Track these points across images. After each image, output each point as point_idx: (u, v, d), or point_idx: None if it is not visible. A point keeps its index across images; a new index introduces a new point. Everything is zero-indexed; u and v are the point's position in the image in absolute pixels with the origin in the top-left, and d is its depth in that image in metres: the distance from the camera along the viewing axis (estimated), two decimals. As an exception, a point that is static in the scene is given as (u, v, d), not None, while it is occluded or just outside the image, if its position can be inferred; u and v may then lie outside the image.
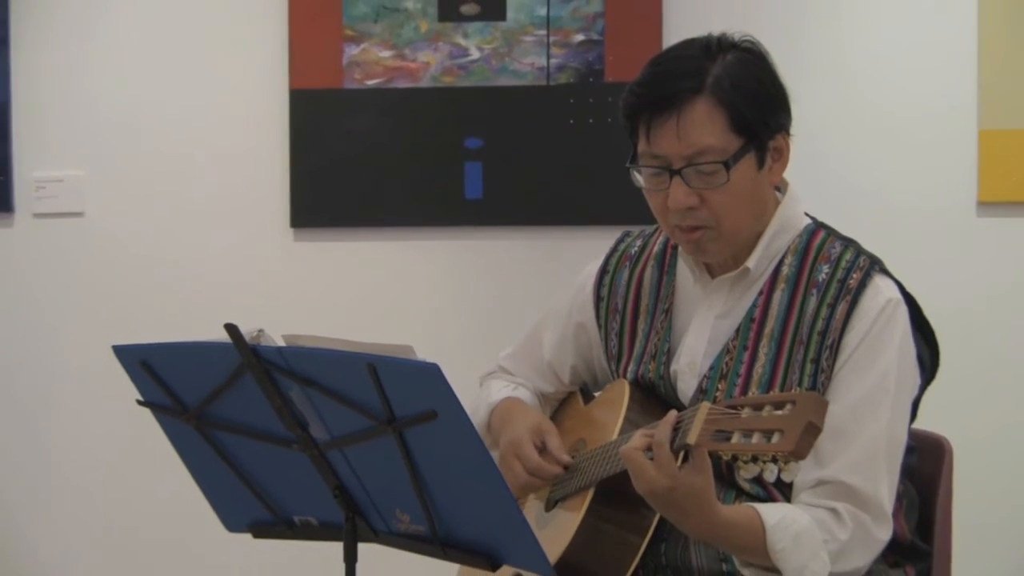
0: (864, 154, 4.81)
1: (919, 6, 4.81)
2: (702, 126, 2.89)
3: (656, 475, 2.64)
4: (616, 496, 2.94)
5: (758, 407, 2.54)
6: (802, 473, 2.81)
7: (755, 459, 2.51)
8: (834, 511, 2.82)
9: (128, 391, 2.85)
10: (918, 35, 4.81)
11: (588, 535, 2.96)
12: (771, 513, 2.77)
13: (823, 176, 4.61)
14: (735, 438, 2.53)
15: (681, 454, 2.63)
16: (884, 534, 2.86)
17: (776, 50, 3.04)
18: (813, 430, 2.47)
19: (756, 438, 2.50)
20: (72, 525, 5.14)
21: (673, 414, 2.68)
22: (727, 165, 2.88)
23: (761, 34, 3.04)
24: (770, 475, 2.53)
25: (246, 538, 3.01)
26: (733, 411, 2.56)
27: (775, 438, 2.48)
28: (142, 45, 5.09)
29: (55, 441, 5.13)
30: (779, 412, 2.50)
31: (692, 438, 2.58)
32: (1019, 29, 4.73)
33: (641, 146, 2.95)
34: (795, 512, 2.80)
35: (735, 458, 2.55)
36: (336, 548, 2.81)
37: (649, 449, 2.66)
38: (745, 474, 2.59)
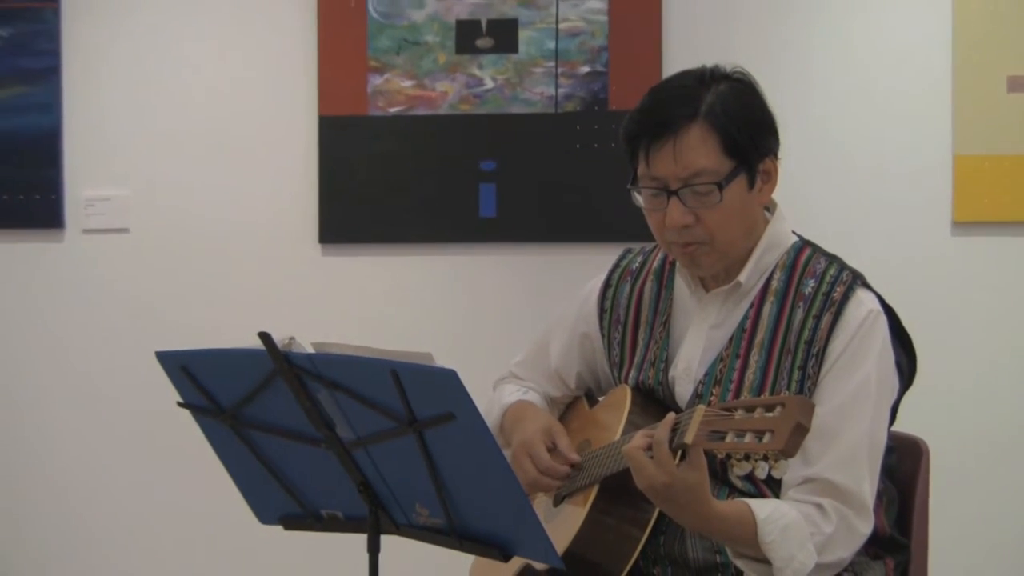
0: (845, 175, 4.81)
1: (898, 40, 4.81)
2: (697, 150, 2.89)
3: (655, 472, 2.65)
4: (618, 492, 2.95)
5: (750, 409, 2.55)
6: (790, 471, 2.82)
7: (747, 457, 2.52)
8: (820, 506, 2.82)
9: (169, 393, 2.85)
10: (898, 67, 4.81)
11: (593, 528, 2.97)
12: (762, 507, 2.78)
13: (805, 194, 4.60)
14: (729, 438, 2.54)
15: (679, 453, 2.64)
16: (866, 528, 2.87)
17: (763, 80, 3.05)
18: (801, 430, 2.49)
19: (748, 438, 2.52)
20: (116, 517, 5.15)
21: (671, 416, 2.69)
22: (720, 186, 2.89)
23: (749, 66, 3.05)
24: (761, 472, 2.54)
25: (277, 530, 3.02)
26: (727, 413, 2.58)
27: (766, 438, 2.50)
28: (184, 75, 5.10)
29: (99, 441, 5.13)
30: (769, 414, 2.51)
31: (689, 437, 2.59)
32: (991, 62, 4.73)
33: (641, 169, 2.95)
34: (784, 507, 2.81)
35: (729, 456, 2.56)
36: (360, 539, 2.81)
37: (649, 448, 2.66)
38: (738, 471, 2.60)
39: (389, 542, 2.83)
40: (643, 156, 2.94)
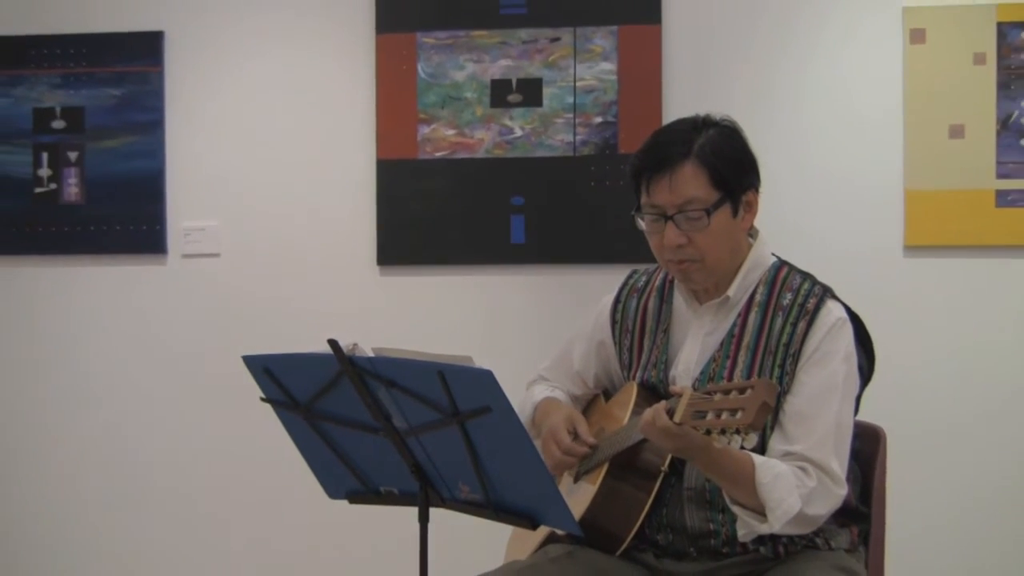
0: (815, 207, 4.79)
1: (858, 95, 4.79)
2: (689, 182, 2.91)
3: (668, 440, 2.69)
4: (625, 467, 2.97)
5: (727, 392, 2.58)
6: (773, 447, 2.87)
7: (723, 432, 2.54)
8: (803, 468, 2.83)
9: (252, 391, 2.85)
10: (858, 118, 4.79)
11: (603, 499, 2.98)
12: (757, 456, 2.80)
13: (783, 222, 4.57)
14: (709, 416, 2.56)
15: None
16: (841, 491, 2.86)
17: (747, 122, 3.07)
18: (766, 408, 2.51)
19: (724, 416, 2.54)
20: (208, 491, 5.16)
21: (663, 402, 2.71)
22: (708, 212, 2.91)
23: (733, 114, 3.06)
24: (735, 445, 2.55)
25: (342, 503, 3.01)
26: (708, 396, 2.59)
27: (738, 415, 2.52)
28: (264, 126, 5.10)
29: (194, 432, 5.14)
30: (742, 395, 2.54)
31: (678, 417, 2.61)
32: (935, 114, 4.71)
33: (643, 199, 2.97)
34: (775, 461, 2.82)
35: (708, 431, 2.56)
36: (412, 512, 2.81)
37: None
38: (717, 444, 2.61)
39: (436, 514, 2.83)
40: (644, 188, 2.96)
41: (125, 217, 5.11)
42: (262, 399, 2.85)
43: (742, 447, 2.57)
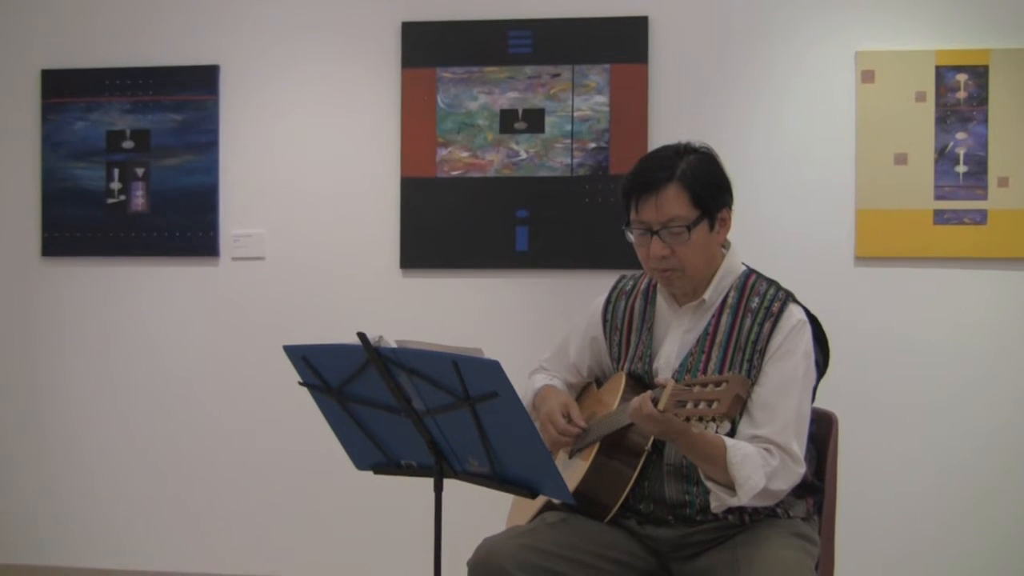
0: (778, 221, 4.78)
1: (817, 126, 4.78)
2: (672, 202, 2.90)
3: (651, 424, 2.68)
4: (613, 447, 2.97)
5: (704, 385, 2.58)
6: (741, 431, 2.85)
7: (701, 419, 2.54)
8: (767, 449, 2.83)
9: (291, 376, 2.84)
10: (817, 146, 4.78)
11: (594, 473, 2.98)
12: (728, 438, 2.80)
13: (753, 234, 4.56)
14: (688, 405, 2.56)
15: None
16: (800, 470, 2.87)
17: (722, 148, 3.06)
18: (739, 400, 2.52)
19: (702, 405, 2.54)
20: (250, 464, 5.14)
21: (648, 392, 2.71)
22: (689, 228, 2.91)
23: (711, 142, 3.05)
24: (711, 430, 2.56)
25: (368, 474, 3.00)
26: (689, 387, 2.58)
27: (714, 405, 2.52)
28: (304, 145, 5.10)
29: (240, 411, 5.13)
30: (718, 388, 2.55)
31: (662, 406, 2.61)
32: (883, 143, 4.70)
33: (632, 215, 2.97)
34: (744, 442, 2.82)
35: (688, 419, 2.56)
36: (428, 482, 2.80)
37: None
38: (695, 430, 2.61)
39: (449, 484, 2.82)
40: (633, 206, 2.95)
41: (183, 225, 5.11)
42: (299, 383, 2.85)
43: (716, 432, 2.56)
